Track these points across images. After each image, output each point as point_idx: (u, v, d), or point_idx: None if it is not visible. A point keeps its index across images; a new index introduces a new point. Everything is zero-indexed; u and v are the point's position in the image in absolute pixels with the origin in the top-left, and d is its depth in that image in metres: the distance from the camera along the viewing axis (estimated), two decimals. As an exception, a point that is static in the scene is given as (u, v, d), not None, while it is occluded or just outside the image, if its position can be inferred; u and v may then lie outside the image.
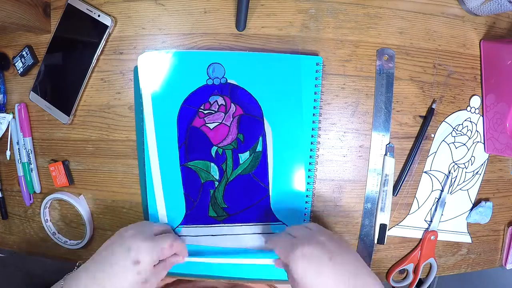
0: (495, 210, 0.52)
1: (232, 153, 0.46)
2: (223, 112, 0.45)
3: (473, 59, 0.49)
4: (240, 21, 0.44)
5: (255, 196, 0.46)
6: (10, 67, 0.52)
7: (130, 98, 0.48)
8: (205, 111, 0.45)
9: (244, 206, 0.47)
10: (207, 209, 0.47)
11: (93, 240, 0.52)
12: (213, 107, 0.45)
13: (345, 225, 0.49)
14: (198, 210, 0.47)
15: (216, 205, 0.47)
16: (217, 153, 0.46)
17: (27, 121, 0.51)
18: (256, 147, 0.45)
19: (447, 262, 0.52)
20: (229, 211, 0.47)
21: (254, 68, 0.45)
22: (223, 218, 0.47)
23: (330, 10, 0.46)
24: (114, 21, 0.46)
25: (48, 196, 0.51)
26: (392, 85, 0.47)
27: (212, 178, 0.46)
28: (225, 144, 0.46)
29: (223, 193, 0.46)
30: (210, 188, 0.46)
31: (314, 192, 0.47)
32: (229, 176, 0.46)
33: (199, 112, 0.45)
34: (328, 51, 0.46)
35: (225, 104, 0.45)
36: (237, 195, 0.46)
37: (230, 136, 0.45)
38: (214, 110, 0.45)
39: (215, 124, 0.45)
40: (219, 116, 0.45)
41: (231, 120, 0.45)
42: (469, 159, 0.50)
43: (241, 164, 0.46)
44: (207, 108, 0.45)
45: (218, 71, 0.44)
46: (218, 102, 0.45)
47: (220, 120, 0.45)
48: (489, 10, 0.45)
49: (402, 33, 0.47)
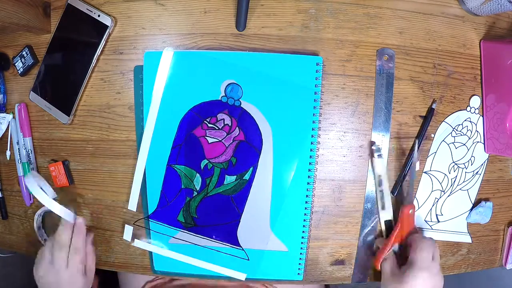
0: (495, 210, 0.52)
1: (220, 171, 0.47)
2: (225, 132, 0.46)
3: (473, 59, 0.49)
4: (240, 21, 0.44)
5: (226, 217, 0.48)
6: (10, 67, 0.52)
7: (130, 98, 0.48)
8: (209, 124, 0.46)
9: (213, 223, 0.48)
10: (177, 213, 0.48)
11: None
12: (218, 124, 0.46)
13: (345, 225, 0.49)
14: (168, 211, 0.48)
15: (187, 212, 0.48)
16: (206, 166, 0.47)
17: (27, 121, 0.51)
18: (245, 175, 0.46)
19: (447, 262, 0.52)
20: (198, 222, 0.48)
21: (254, 68, 0.45)
22: (190, 226, 0.48)
23: (330, 10, 0.46)
24: (114, 21, 0.46)
25: (40, 209, 0.51)
26: (392, 85, 0.47)
27: (192, 187, 0.47)
28: (216, 162, 0.47)
29: (197, 204, 0.48)
30: (187, 195, 0.48)
31: (314, 192, 0.48)
32: (210, 191, 0.47)
33: (203, 123, 0.46)
34: (328, 51, 0.46)
35: (230, 125, 0.46)
36: (210, 211, 0.48)
37: (224, 156, 0.46)
38: (218, 127, 0.46)
39: (214, 139, 0.46)
40: (220, 134, 0.46)
41: (230, 142, 0.46)
42: (469, 159, 0.50)
43: (225, 185, 0.47)
44: (212, 123, 0.46)
45: (236, 92, 0.45)
46: (225, 121, 0.46)
47: (220, 138, 0.46)
48: (489, 10, 0.45)
49: (402, 33, 0.47)
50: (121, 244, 0.51)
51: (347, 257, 0.50)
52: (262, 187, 0.47)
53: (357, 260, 0.50)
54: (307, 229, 0.48)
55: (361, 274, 0.50)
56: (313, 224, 0.49)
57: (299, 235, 0.48)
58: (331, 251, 0.50)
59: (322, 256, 0.50)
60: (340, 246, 0.50)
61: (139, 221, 0.49)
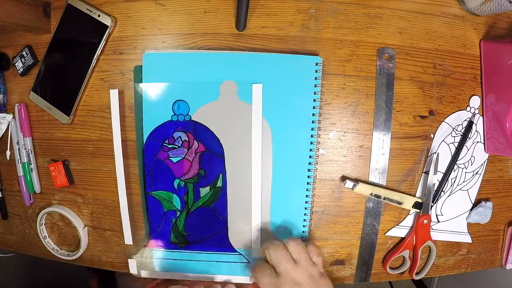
0: (495, 210, 0.52)
1: (193, 186, 0.47)
2: (186, 148, 0.47)
3: (473, 59, 0.49)
4: (240, 21, 0.44)
5: (214, 227, 0.48)
6: (10, 67, 0.52)
7: (130, 98, 0.48)
8: (169, 145, 0.47)
9: (203, 236, 0.49)
10: (169, 235, 0.49)
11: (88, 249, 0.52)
12: (177, 142, 0.47)
13: (345, 225, 0.49)
14: (161, 236, 0.49)
15: (177, 232, 0.49)
16: (179, 185, 0.48)
17: (27, 121, 0.51)
18: (216, 183, 0.47)
19: (447, 262, 0.52)
20: (190, 239, 0.49)
21: (253, 68, 0.45)
22: (184, 245, 0.49)
23: (330, 10, 0.46)
24: (114, 21, 0.46)
25: (45, 209, 0.51)
26: (393, 85, 0.47)
27: (174, 208, 0.48)
28: (187, 178, 0.47)
29: (184, 222, 0.48)
30: (172, 217, 0.49)
31: (314, 192, 0.47)
32: (190, 207, 0.48)
33: (163, 146, 0.47)
34: (328, 51, 0.46)
35: (188, 140, 0.46)
36: (197, 225, 0.49)
37: (192, 170, 0.47)
38: (178, 145, 0.47)
39: (178, 158, 0.47)
40: (181, 151, 0.47)
41: (193, 156, 0.47)
42: (469, 159, 0.50)
43: (202, 197, 0.48)
44: (171, 143, 0.47)
45: (182, 108, 0.46)
46: (182, 137, 0.47)
47: (183, 155, 0.47)
48: (489, 10, 0.45)
49: (402, 33, 0.47)
50: (121, 244, 0.51)
51: (347, 257, 0.50)
52: (239, 188, 0.47)
53: (359, 258, 0.50)
54: (307, 229, 0.48)
55: (363, 273, 0.50)
56: (313, 224, 0.49)
57: (299, 235, 0.48)
58: (331, 251, 0.50)
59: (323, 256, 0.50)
60: (340, 246, 0.50)
61: (139, 251, 0.50)
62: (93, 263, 0.53)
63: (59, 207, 0.51)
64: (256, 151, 0.46)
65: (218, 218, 0.48)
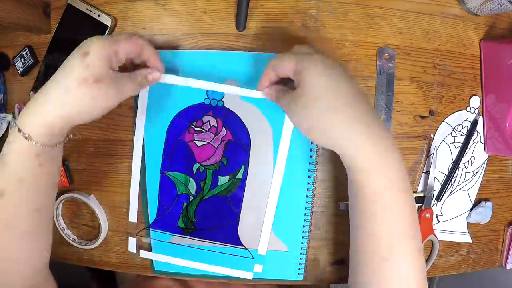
0: (495, 210, 0.52)
1: (212, 173, 0.47)
2: (213, 134, 0.46)
3: (473, 59, 0.49)
4: (240, 21, 0.44)
5: (225, 218, 0.47)
6: (10, 67, 0.52)
7: (130, 98, 0.47)
8: (196, 128, 0.46)
9: (213, 225, 0.48)
10: (177, 219, 0.48)
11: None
12: (205, 126, 0.46)
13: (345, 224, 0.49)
14: (168, 218, 0.48)
15: (186, 217, 0.48)
16: (199, 170, 0.47)
17: (27, 121, 0.51)
18: (237, 174, 0.46)
19: (447, 262, 0.52)
20: (198, 226, 0.48)
21: (254, 68, 0.45)
22: (191, 231, 0.48)
23: (330, 10, 0.46)
24: (114, 21, 0.46)
25: (63, 195, 0.50)
26: (393, 84, 0.47)
27: (188, 192, 0.47)
28: (208, 164, 0.46)
29: (195, 208, 0.47)
30: (184, 201, 0.47)
31: (314, 192, 0.47)
32: (205, 194, 0.47)
33: (190, 128, 0.46)
34: (328, 51, 0.46)
35: (216, 126, 0.46)
36: (208, 213, 0.48)
37: (215, 157, 0.46)
38: (205, 130, 0.46)
39: (202, 142, 0.46)
40: (208, 136, 0.46)
41: (219, 142, 0.46)
42: (469, 159, 0.50)
43: (219, 186, 0.47)
44: (199, 126, 0.46)
45: (217, 93, 0.45)
46: (211, 122, 0.46)
47: (209, 140, 0.46)
48: (489, 10, 0.45)
49: (402, 33, 0.47)
50: (121, 244, 0.51)
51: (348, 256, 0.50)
52: (258, 184, 0.46)
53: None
54: (307, 229, 0.48)
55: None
56: (313, 224, 0.49)
57: (299, 235, 0.48)
58: (332, 251, 0.50)
59: (323, 256, 0.50)
60: (340, 246, 0.49)
61: (141, 231, 0.49)
62: (93, 264, 0.53)
63: (74, 193, 0.50)
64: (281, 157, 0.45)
65: (231, 209, 0.47)
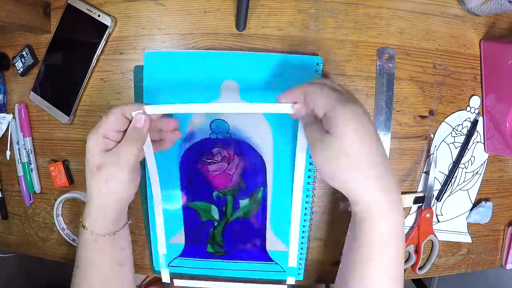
0: (495, 210, 0.52)
1: (233, 198, 0.47)
2: (226, 163, 0.46)
3: (473, 59, 0.49)
4: (240, 21, 0.44)
5: (251, 237, 0.48)
6: (10, 67, 0.52)
7: (130, 98, 0.48)
8: (208, 160, 0.46)
9: (241, 246, 0.48)
10: (206, 245, 0.49)
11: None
12: (216, 157, 0.46)
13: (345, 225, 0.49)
14: (196, 246, 0.49)
15: (215, 242, 0.48)
16: (218, 196, 0.47)
17: (27, 121, 0.51)
18: (257, 195, 0.47)
19: (447, 262, 0.52)
20: (227, 248, 0.49)
21: (254, 68, 0.45)
22: (220, 254, 0.49)
23: (330, 10, 0.46)
24: (114, 21, 0.46)
25: (63, 195, 0.50)
26: (393, 84, 0.47)
27: (212, 218, 0.48)
28: (226, 190, 0.47)
29: (222, 232, 0.48)
30: (209, 227, 0.48)
31: (314, 192, 0.47)
32: (229, 217, 0.48)
33: (202, 160, 0.46)
34: (328, 51, 0.46)
35: (228, 155, 0.46)
36: (235, 235, 0.48)
37: (232, 183, 0.47)
38: (217, 160, 0.46)
39: (218, 172, 0.46)
40: (222, 166, 0.46)
41: (234, 170, 0.46)
42: (469, 159, 0.50)
43: (241, 209, 0.47)
44: (210, 158, 0.46)
45: (221, 126, 0.45)
46: (222, 153, 0.46)
47: (223, 170, 0.46)
48: (489, 10, 0.45)
49: (402, 33, 0.47)
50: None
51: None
52: (278, 202, 0.47)
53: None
54: (307, 229, 0.48)
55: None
56: (313, 224, 0.49)
57: (299, 235, 0.48)
58: (332, 251, 0.50)
59: (323, 256, 0.50)
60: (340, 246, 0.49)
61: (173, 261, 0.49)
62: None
63: (74, 193, 0.50)
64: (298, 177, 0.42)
65: (257, 228, 0.48)
